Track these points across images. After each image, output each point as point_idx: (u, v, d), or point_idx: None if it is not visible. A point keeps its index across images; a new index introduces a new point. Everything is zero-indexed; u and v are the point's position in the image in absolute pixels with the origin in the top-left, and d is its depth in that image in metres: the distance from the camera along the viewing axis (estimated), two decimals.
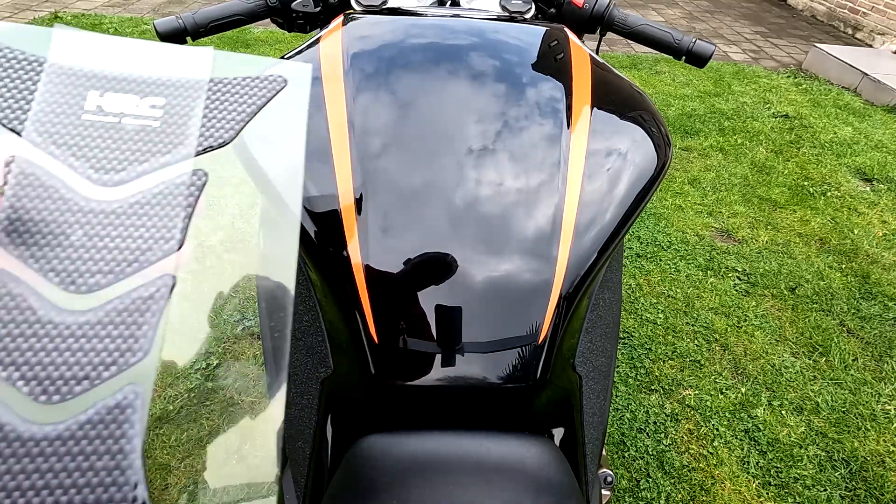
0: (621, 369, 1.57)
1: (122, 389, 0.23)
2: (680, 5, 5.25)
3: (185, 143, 0.28)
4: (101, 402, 0.22)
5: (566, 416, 0.52)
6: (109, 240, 0.26)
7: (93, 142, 0.27)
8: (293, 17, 0.73)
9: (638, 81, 3.44)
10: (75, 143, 0.27)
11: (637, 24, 0.73)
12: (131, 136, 0.27)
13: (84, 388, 0.22)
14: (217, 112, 0.30)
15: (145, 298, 0.25)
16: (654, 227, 2.17)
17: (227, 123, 0.30)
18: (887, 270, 2.02)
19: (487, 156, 0.47)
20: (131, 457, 0.22)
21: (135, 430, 0.22)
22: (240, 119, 0.30)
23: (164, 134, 0.28)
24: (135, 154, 0.27)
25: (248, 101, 0.31)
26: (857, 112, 3.20)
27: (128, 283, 0.25)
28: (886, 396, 1.54)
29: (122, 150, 0.27)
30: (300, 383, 0.54)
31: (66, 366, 0.23)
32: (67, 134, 0.27)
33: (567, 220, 0.44)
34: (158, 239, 0.26)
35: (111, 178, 0.26)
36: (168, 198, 0.27)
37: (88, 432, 0.22)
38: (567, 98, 0.51)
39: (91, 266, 0.25)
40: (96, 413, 0.22)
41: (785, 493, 1.29)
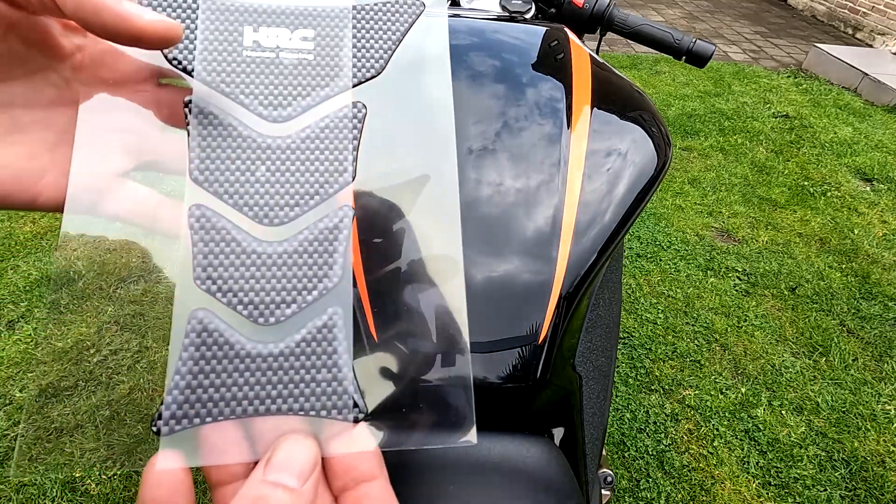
0: (621, 369, 1.57)
1: (326, 311, 0.25)
2: (680, 5, 5.25)
3: (341, 75, 0.29)
4: (310, 322, 0.25)
5: (566, 416, 0.52)
6: (290, 174, 0.27)
7: (256, 78, 0.27)
8: None
9: (638, 81, 3.44)
10: (241, 80, 0.27)
11: (637, 24, 0.73)
12: (290, 71, 0.28)
13: (294, 310, 0.25)
14: (365, 41, 0.29)
15: (331, 228, 0.27)
16: (654, 227, 2.17)
17: (376, 53, 0.29)
18: (887, 270, 2.02)
19: (487, 156, 0.47)
20: (344, 369, 0.25)
21: (343, 346, 0.25)
22: (387, 48, 0.30)
23: (319, 67, 0.28)
24: (297, 88, 0.28)
25: (391, 28, 0.30)
26: (858, 112, 3.21)
27: (313, 215, 0.27)
28: (886, 396, 1.54)
29: (285, 84, 0.28)
30: None
31: (275, 291, 0.25)
32: (233, 72, 0.27)
33: (567, 220, 0.44)
34: (333, 172, 0.27)
35: (280, 114, 0.27)
36: (335, 131, 0.28)
37: (305, 349, 0.24)
38: (567, 98, 0.51)
39: (278, 199, 0.26)
40: (308, 332, 0.25)
41: (785, 493, 1.29)
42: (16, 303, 1.60)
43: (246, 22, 0.28)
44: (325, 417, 0.24)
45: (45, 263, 1.74)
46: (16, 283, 1.66)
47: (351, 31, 0.29)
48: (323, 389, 0.24)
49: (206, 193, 0.26)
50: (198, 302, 0.25)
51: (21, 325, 1.54)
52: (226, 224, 0.26)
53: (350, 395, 0.24)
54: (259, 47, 0.28)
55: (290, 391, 0.24)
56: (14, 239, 1.83)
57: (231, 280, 0.25)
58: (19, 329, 1.53)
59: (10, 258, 1.75)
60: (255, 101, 0.27)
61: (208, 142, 0.26)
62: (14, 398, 1.35)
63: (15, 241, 1.82)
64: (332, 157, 0.28)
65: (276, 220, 0.26)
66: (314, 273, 0.26)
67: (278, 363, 0.24)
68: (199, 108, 0.26)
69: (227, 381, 0.24)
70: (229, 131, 0.27)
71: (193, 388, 0.23)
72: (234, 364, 0.24)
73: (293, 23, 0.29)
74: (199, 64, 0.27)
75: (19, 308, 1.59)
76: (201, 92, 0.27)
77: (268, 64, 0.28)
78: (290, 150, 0.27)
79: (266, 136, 0.27)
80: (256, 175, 0.26)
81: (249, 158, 0.27)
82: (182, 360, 0.24)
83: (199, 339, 0.24)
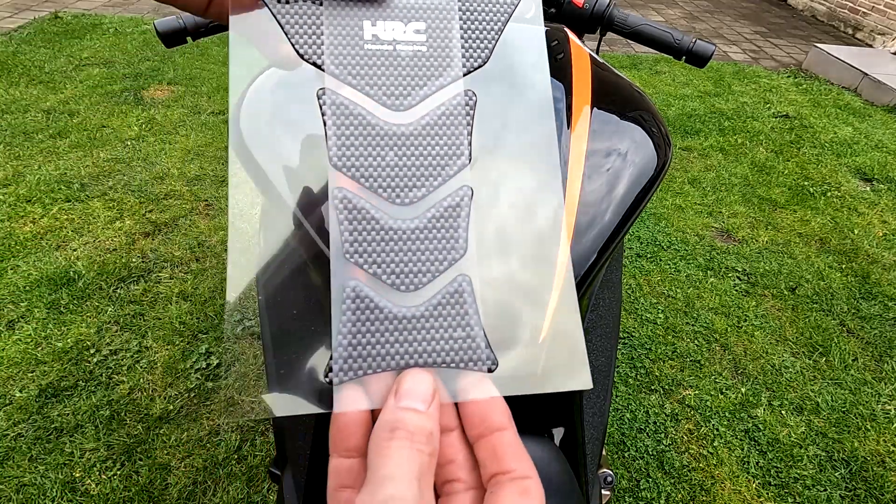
0: (621, 369, 1.57)
1: (455, 279, 0.29)
2: (680, 5, 5.25)
3: (452, 65, 0.32)
4: (443, 288, 0.29)
5: (566, 416, 0.52)
6: (415, 158, 0.30)
7: (378, 70, 0.30)
8: None
9: (638, 81, 3.43)
10: (365, 72, 0.30)
11: (637, 24, 0.73)
12: (407, 63, 0.31)
13: (429, 279, 0.29)
14: (470, 32, 0.32)
15: (454, 206, 0.30)
16: (654, 227, 2.17)
17: (481, 43, 0.32)
18: (887, 270, 2.02)
19: (486, 155, 0.47)
20: (476, 328, 0.28)
21: (473, 308, 0.29)
22: (490, 38, 0.32)
23: (432, 58, 0.31)
24: (414, 79, 0.31)
25: (493, 19, 0.33)
26: (857, 112, 3.21)
27: (438, 194, 0.30)
28: (886, 396, 1.54)
29: (404, 75, 0.31)
30: None
31: (412, 263, 0.29)
32: (357, 65, 0.30)
33: (567, 220, 0.44)
34: (451, 155, 0.31)
35: (401, 103, 0.30)
36: (451, 118, 0.31)
37: (441, 312, 0.28)
38: (567, 98, 0.51)
39: (407, 181, 0.30)
40: (443, 297, 0.29)
41: (785, 493, 1.29)
42: (16, 303, 1.60)
43: (364, 17, 0.31)
44: (464, 368, 0.28)
45: (45, 263, 1.74)
46: (16, 283, 1.66)
47: (458, 22, 0.32)
48: (459, 345, 0.28)
49: (346, 177, 0.29)
50: (349, 274, 0.28)
51: (21, 325, 1.54)
52: (365, 204, 0.29)
53: (482, 349, 0.28)
54: (378, 41, 0.31)
55: (432, 347, 0.28)
56: (14, 239, 1.83)
57: (374, 254, 0.28)
58: (19, 329, 1.53)
59: (10, 258, 1.75)
60: (379, 92, 0.30)
61: (342, 130, 0.30)
62: (14, 398, 1.35)
63: (15, 241, 1.82)
64: (450, 141, 0.31)
65: (407, 200, 0.29)
66: (443, 246, 0.29)
67: (420, 324, 0.28)
68: (332, 100, 0.30)
69: (380, 340, 0.28)
70: (360, 120, 0.30)
71: (354, 346, 0.27)
72: (384, 325, 0.28)
73: (406, 16, 0.31)
74: (328, 59, 0.30)
75: (19, 308, 1.59)
76: (332, 84, 0.30)
77: (387, 56, 0.31)
78: (413, 136, 0.30)
79: (391, 123, 0.30)
80: (386, 160, 0.29)
81: (379, 145, 0.30)
82: (342, 323, 0.28)
83: (353, 304, 0.28)
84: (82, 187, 2.10)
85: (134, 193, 2.10)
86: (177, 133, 2.51)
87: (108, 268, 1.75)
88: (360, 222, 0.29)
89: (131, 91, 2.82)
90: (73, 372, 1.43)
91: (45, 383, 1.40)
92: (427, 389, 0.24)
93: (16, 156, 2.25)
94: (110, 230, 1.91)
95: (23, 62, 3.02)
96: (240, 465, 1.26)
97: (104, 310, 1.62)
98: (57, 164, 2.22)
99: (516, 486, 0.22)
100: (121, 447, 1.27)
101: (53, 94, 2.73)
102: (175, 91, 2.87)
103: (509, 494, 0.22)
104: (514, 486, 0.22)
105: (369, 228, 0.29)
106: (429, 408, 0.23)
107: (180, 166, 2.28)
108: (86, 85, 2.84)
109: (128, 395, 1.39)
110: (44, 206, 1.99)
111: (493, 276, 0.32)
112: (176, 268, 1.79)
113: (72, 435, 1.29)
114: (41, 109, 2.59)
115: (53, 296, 1.64)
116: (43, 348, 1.49)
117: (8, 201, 1.99)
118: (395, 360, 0.27)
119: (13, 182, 2.10)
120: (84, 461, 1.24)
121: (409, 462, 0.21)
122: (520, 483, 0.22)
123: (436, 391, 0.25)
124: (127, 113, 2.62)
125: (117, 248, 1.84)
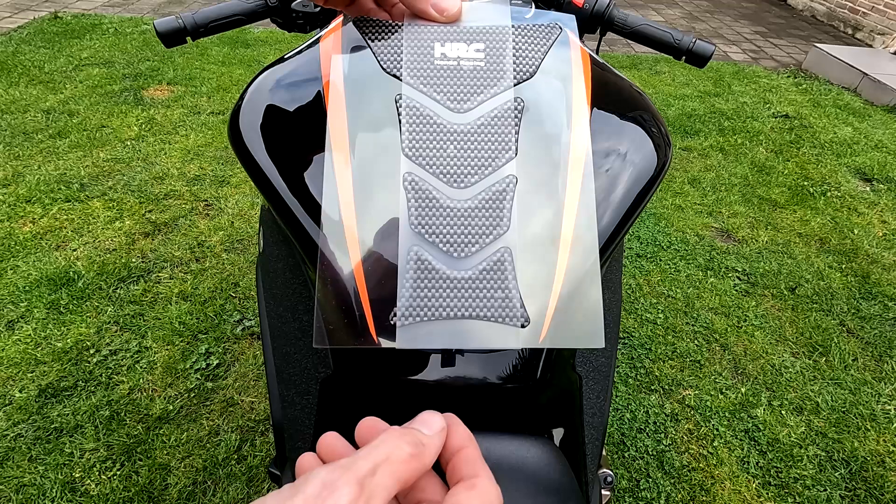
0: (621, 369, 1.57)
1: (499, 250, 0.35)
2: (680, 5, 5.25)
3: (505, 77, 0.39)
4: (489, 257, 0.35)
5: (566, 416, 0.52)
6: (471, 151, 0.37)
7: (444, 80, 0.38)
8: (293, 17, 0.73)
9: (638, 81, 3.44)
10: (434, 82, 0.38)
11: (637, 23, 0.73)
12: (468, 75, 0.39)
13: (477, 248, 0.35)
14: (520, 51, 0.40)
15: (501, 191, 0.36)
16: (654, 227, 2.17)
17: (530, 60, 0.40)
18: (887, 270, 2.02)
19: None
20: (514, 291, 0.35)
21: (512, 276, 0.35)
22: (537, 57, 0.41)
23: (488, 71, 0.39)
24: (472, 87, 0.38)
25: (539, 43, 0.41)
26: (857, 112, 3.21)
27: (488, 180, 0.36)
28: (886, 396, 1.54)
29: (464, 84, 0.38)
30: (300, 383, 0.54)
31: (464, 234, 0.35)
32: (428, 76, 0.38)
33: (567, 220, 0.44)
34: (501, 149, 0.37)
35: (461, 107, 0.38)
36: (502, 119, 0.38)
37: (486, 276, 0.35)
38: (567, 98, 0.51)
39: (464, 169, 0.37)
40: (489, 264, 0.35)
41: (785, 493, 1.29)
42: (15, 303, 1.60)
43: (436, 40, 0.39)
44: (502, 323, 0.34)
45: (45, 263, 1.74)
46: (16, 283, 1.66)
47: (511, 44, 0.40)
48: (499, 304, 0.34)
49: (414, 164, 0.36)
50: (413, 241, 0.35)
51: (21, 326, 1.54)
52: (428, 186, 0.36)
53: (518, 308, 0.35)
54: (445, 58, 0.39)
55: (477, 304, 0.34)
56: (14, 239, 1.83)
57: (434, 226, 0.35)
58: (19, 329, 1.53)
59: (10, 258, 1.75)
60: (444, 97, 0.38)
61: (413, 127, 0.37)
62: (14, 398, 1.35)
63: (15, 241, 1.82)
64: (500, 138, 0.37)
65: (463, 184, 0.36)
66: (490, 223, 0.36)
67: (468, 284, 0.34)
68: (406, 103, 0.37)
69: (435, 294, 0.34)
70: (428, 120, 0.37)
71: (415, 298, 0.34)
72: (439, 283, 0.34)
73: (469, 39, 0.40)
74: (405, 71, 0.38)
75: (19, 308, 1.59)
76: (407, 91, 0.38)
77: (452, 70, 0.38)
78: (470, 133, 0.37)
79: (453, 122, 0.37)
80: (447, 151, 0.37)
81: (442, 139, 0.37)
82: (406, 279, 0.34)
83: (415, 265, 0.34)
84: (82, 187, 2.10)
85: (134, 193, 2.10)
86: (176, 133, 2.51)
87: (107, 268, 1.75)
88: (424, 199, 0.36)
89: (131, 91, 2.81)
90: (73, 372, 1.43)
91: (45, 383, 1.39)
92: (437, 424, 0.27)
93: (15, 156, 2.25)
94: (110, 230, 1.91)
95: (22, 62, 3.02)
96: (240, 466, 1.26)
97: (104, 310, 1.62)
98: (56, 164, 2.22)
99: (466, 483, 0.25)
100: (121, 447, 1.27)
101: (53, 94, 2.73)
102: (175, 91, 2.87)
103: (459, 490, 0.25)
104: (464, 484, 0.25)
105: (431, 205, 0.35)
106: (434, 435, 0.26)
107: (180, 166, 2.28)
108: (85, 85, 2.84)
109: (127, 395, 1.39)
110: (43, 207, 1.98)
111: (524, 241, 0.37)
112: (176, 268, 1.79)
113: (71, 435, 1.29)
114: (41, 109, 2.59)
115: (53, 296, 1.63)
116: (43, 348, 1.49)
117: (8, 201, 1.99)
118: (446, 312, 0.34)
119: (13, 182, 2.10)
120: (84, 461, 1.24)
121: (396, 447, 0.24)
122: (469, 481, 0.25)
123: (444, 429, 0.27)
124: (127, 113, 2.62)
125: (117, 248, 1.84)
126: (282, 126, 0.45)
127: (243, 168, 0.46)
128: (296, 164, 0.43)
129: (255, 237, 1.95)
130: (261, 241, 0.70)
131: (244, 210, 2.07)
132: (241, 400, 1.40)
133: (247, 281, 1.76)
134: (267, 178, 0.43)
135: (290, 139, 0.44)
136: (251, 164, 0.45)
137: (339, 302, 0.36)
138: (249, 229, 1.98)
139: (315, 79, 0.46)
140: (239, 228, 1.98)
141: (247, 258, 1.85)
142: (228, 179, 2.23)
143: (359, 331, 0.35)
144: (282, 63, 0.50)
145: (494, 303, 0.34)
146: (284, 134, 0.45)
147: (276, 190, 0.43)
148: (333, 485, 0.21)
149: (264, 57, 3.35)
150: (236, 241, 1.93)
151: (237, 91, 2.87)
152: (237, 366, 1.49)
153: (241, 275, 1.78)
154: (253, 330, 1.59)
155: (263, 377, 1.46)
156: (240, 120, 0.47)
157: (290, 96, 0.46)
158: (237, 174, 2.26)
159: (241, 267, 1.81)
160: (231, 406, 1.39)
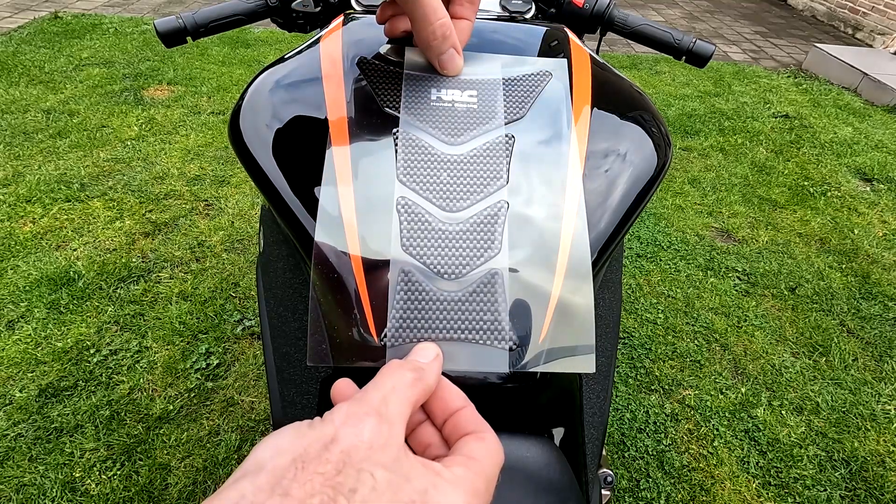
0: (621, 369, 1.57)
1: (488, 272, 0.36)
2: (680, 5, 5.25)
3: (496, 117, 0.42)
4: (479, 279, 0.36)
5: (566, 416, 0.52)
6: (463, 179, 0.39)
7: (439, 119, 0.41)
8: (293, 17, 0.73)
9: (638, 81, 3.44)
10: (430, 120, 0.41)
11: (637, 24, 0.73)
12: (461, 114, 0.42)
13: (468, 270, 0.36)
14: (512, 97, 0.44)
15: (492, 215, 0.38)
16: (654, 227, 2.17)
17: (519, 104, 0.43)
18: (887, 270, 2.02)
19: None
20: (502, 313, 0.35)
21: (501, 297, 0.36)
22: (527, 100, 0.44)
23: (481, 112, 0.42)
24: (465, 125, 0.41)
25: (530, 89, 0.45)
26: (857, 112, 3.21)
27: (479, 206, 0.38)
28: (886, 396, 1.54)
29: (457, 122, 0.41)
30: (300, 383, 0.54)
31: (454, 256, 0.36)
32: (424, 115, 0.41)
33: (567, 220, 0.44)
34: (492, 178, 0.39)
35: (455, 140, 0.40)
36: (493, 152, 0.40)
37: (475, 298, 0.35)
38: (567, 98, 0.51)
39: (456, 195, 0.38)
40: (477, 286, 0.35)
41: (785, 493, 1.29)
42: (16, 303, 1.60)
43: (433, 86, 0.43)
44: (489, 346, 0.34)
45: (45, 263, 1.74)
46: (16, 283, 1.66)
47: (501, 91, 0.44)
48: (487, 326, 0.35)
49: (408, 189, 0.38)
50: (404, 262, 0.35)
51: (21, 325, 1.54)
52: (421, 210, 0.37)
53: (506, 331, 0.35)
54: (440, 100, 0.42)
55: (466, 325, 0.35)
56: (14, 239, 1.83)
57: (425, 248, 0.36)
58: (19, 329, 1.53)
59: (10, 258, 1.75)
60: (439, 132, 0.41)
61: (409, 156, 0.39)
62: (14, 398, 1.35)
63: (15, 241, 1.82)
64: (492, 168, 0.40)
65: (455, 208, 0.37)
66: (480, 245, 0.36)
67: (458, 306, 0.35)
68: (403, 137, 0.40)
69: (425, 316, 0.34)
70: (422, 150, 0.40)
71: (404, 319, 0.34)
72: (428, 305, 0.35)
73: (463, 86, 0.43)
74: (403, 110, 0.41)
75: (19, 308, 1.59)
76: (404, 126, 0.40)
77: (447, 110, 0.42)
78: (462, 163, 0.39)
79: (446, 154, 0.40)
80: (440, 179, 0.39)
81: (435, 167, 0.39)
82: (396, 300, 0.35)
83: (406, 286, 0.35)
84: (82, 187, 2.10)
85: (134, 193, 2.10)
86: (177, 133, 2.51)
87: (108, 268, 1.75)
88: (416, 222, 0.37)
89: (131, 91, 2.82)
90: (73, 372, 1.43)
91: (45, 383, 1.40)
92: (432, 352, 0.31)
93: (16, 156, 2.25)
94: (110, 230, 1.91)
95: (23, 62, 3.02)
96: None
97: (104, 310, 1.62)
98: (57, 164, 2.22)
99: (475, 435, 0.27)
100: (121, 447, 1.27)
101: (53, 94, 2.73)
102: (175, 91, 2.87)
103: (469, 440, 0.27)
104: (473, 436, 0.27)
105: (422, 228, 0.36)
106: (430, 362, 0.30)
107: (180, 166, 2.28)
108: (86, 85, 2.84)
109: (128, 395, 1.39)
110: (44, 206, 1.99)
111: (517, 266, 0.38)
112: (176, 268, 1.79)
113: (72, 435, 1.29)
114: (41, 109, 2.59)
115: (53, 296, 1.64)
116: (43, 348, 1.49)
117: (8, 201, 1.99)
118: (436, 333, 0.34)
119: (13, 182, 2.10)
120: (84, 461, 1.24)
121: (399, 376, 0.27)
122: (478, 434, 0.27)
123: (438, 355, 0.31)
124: (127, 113, 2.62)
125: (117, 248, 1.84)
126: (282, 126, 0.45)
127: (243, 168, 0.46)
128: (296, 164, 0.43)
129: (255, 237, 1.95)
130: (261, 241, 0.70)
131: (244, 210, 2.07)
132: (242, 400, 1.40)
133: (247, 281, 1.76)
134: (267, 178, 0.43)
135: (290, 139, 0.44)
136: (251, 163, 0.45)
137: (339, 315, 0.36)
138: (249, 229, 1.98)
139: (315, 79, 0.46)
140: (239, 228, 1.98)
141: (247, 258, 1.85)
142: (228, 179, 2.24)
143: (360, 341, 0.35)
144: (282, 63, 0.50)
145: (484, 325, 0.35)
146: (285, 134, 0.45)
147: (277, 190, 0.43)
148: (356, 415, 0.24)
149: (264, 57, 3.35)
150: (236, 240, 1.93)
151: (237, 91, 2.87)
152: (237, 366, 1.49)
153: (241, 275, 1.78)
154: (253, 330, 1.59)
155: (263, 377, 1.46)
156: (240, 120, 0.47)
157: (291, 96, 0.46)
158: (237, 174, 2.26)
159: (241, 267, 1.81)
160: (231, 406, 1.39)
